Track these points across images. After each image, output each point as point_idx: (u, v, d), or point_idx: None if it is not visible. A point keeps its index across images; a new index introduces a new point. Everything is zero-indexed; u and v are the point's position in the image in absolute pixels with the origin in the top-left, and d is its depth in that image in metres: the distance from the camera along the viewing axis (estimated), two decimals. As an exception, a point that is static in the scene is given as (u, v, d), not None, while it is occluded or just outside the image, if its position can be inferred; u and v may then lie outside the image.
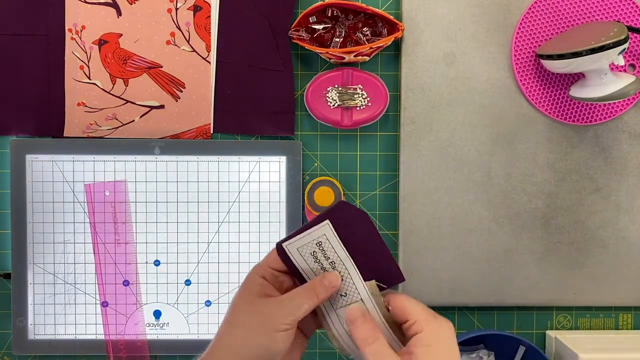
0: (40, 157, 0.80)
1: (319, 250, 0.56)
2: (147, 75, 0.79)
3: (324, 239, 0.56)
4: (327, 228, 0.56)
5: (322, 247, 0.56)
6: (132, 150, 0.80)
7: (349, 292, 0.56)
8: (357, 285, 0.56)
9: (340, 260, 0.56)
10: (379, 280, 0.56)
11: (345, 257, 0.56)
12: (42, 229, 0.81)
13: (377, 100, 0.78)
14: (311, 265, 0.57)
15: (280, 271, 0.58)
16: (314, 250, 0.56)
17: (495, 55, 0.79)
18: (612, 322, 0.83)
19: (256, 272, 0.57)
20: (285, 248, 0.57)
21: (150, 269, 0.81)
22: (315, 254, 0.56)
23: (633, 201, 0.80)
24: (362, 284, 0.56)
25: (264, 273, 0.57)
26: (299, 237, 0.56)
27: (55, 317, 0.81)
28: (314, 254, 0.56)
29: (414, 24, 0.79)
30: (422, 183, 0.79)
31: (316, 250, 0.56)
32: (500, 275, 0.80)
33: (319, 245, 0.56)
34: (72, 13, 0.78)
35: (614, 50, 0.69)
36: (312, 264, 0.57)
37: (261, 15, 0.79)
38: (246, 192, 0.81)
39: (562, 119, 0.79)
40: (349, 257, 0.56)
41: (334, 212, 0.56)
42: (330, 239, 0.56)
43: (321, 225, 0.56)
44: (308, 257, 0.57)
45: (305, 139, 0.82)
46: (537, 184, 0.80)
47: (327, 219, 0.56)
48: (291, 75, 0.80)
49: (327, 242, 0.56)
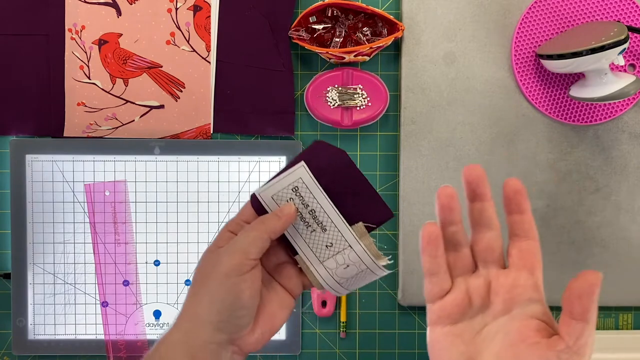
0: (40, 157, 0.80)
1: (296, 196, 0.51)
2: (147, 75, 0.79)
3: (300, 183, 0.51)
4: (303, 170, 0.51)
5: (299, 192, 0.51)
6: (132, 150, 0.80)
7: (335, 242, 0.52)
8: (343, 232, 0.52)
9: (320, 207, 0.52)
10: (365, 221, 0.52)
11: (325, 202, 0.52)
12: (42, 229, 0.81)
13: (377, 100, 0.78)
14: None
15: None
16: (290, 197, 0.51)
17: (495, 55, 0.79)
18: (612, 322, 0.83)
19: (226, 227, 0.53)
20: (259, 197, 0.52)
21: (150, 269, 0.81)
22: (292, 200, 0.52)
23: (633, 201, 0.80)
24: (347, 230, 0.52)
25: (235, 228, 0.53)
26: (272, 183, 0.51)
27: (55, 317, 0.81)
28: (291, 201, 0.52)
29: (414, 24, 0.79)
30: (422, 183, 0.79)
31: (293, 197, 0.51)
32: (500, 275, 0.80)
33: (295, 191, 0.51)
34: (72, 13, 0.78)
35: (614, 50, 0.69)
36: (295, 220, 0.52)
37: (261, 15, 0.79)
38: (246, 192, 0.81)
39: (562, 119, 0.79)
40: (329, 202, 0.52)
41: (309, 153, 0.51)
42: (307, 183, 0.51)
43: (296, 168, 0.51)
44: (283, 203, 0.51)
45: (305, 139, 0.82)
46: (537, 184, 0.80)
47: (301, 161, 0.51)
48: (291, 75, 0.80)
49: (304, 186, 0.51)
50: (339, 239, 0.52)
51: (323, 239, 0.53)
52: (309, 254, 0.53)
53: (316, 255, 0.53)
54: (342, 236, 0.52)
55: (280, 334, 0.82)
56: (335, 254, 0.53)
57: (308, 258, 0.53)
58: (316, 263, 0.53)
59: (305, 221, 0.52)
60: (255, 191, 0.52)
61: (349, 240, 0.52)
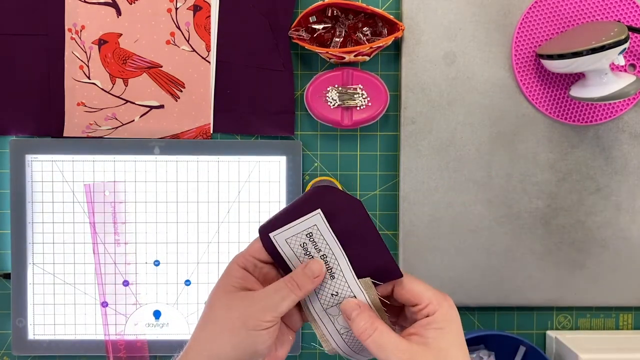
0: (40, 157, 0.80)
1: (310, 241, 0.52)
2: (147, 75, 0.79)
3: (315, 230, 0.52)
4: (319, 218, 0.52)
5: (313, 238, 0.52)
6: (132, 150, 0.80)
7: (341, 291, 0.53)
8: (350, 283, 0.53)
9: (332, 254, 0.52)
10: (373, 277, 0.53)
11: (337, 250, 0.52)
12: (42, 229, 0.81)
13: (377, 100, 0.78)
14: (301, 257, 0.52)
15: (264, 262, 0.54)
16: (303, 242, 0.52)
17: (495, 55, 0.79)
18: (612, 322, 0.83)
19: (236, 262, 0.53)
20: (272, 239, 0.52)
21: (150, 269, 0.81)
22: (305, 245, 0.52)
23: (633, 201, 0.80)
24: (354, 281, 0.53)
25: (245, 263, 0.53)
26: (288, 227, 0.52)
27: (55, 317, 0.81)
28: (303, 246, 0.52)
29: (414, 23, 0.79)
30: (422, 183, 0.79)
31: (306, 242, 0.52)
32: (500, 276, 0.80)
33: (309, 237, 0.52)
34: (72, 13, 0.78)
35: (614, 50, 0.69)
36: (301, 256, 0.52)
37: (261, 15, 0.79)
38: (246, 192, 0.81)
39: (563, 119, 0.79)
40: (341, 250, 0.52)
41: (324, 198, 0.52)
42: (321, 230, 0.52)
43: (312, 215, 0.51)
44: (297, 249, 0.52)
45: (305, 139, 0.82)
46: (538, 184, 0.80)
47: (318, 208, 0.51)
48: (291, 75, 0.80)
49: (318, 232, 0.52)
50: (346, 289, 0.53)
51: (330, 286, 0.53)
52: (314, 299, 0.54)
53: (320, 302, 0.54)
54: (348, 286, 0.53)
55: (280, 334, 0.82)
56: (338, 302, 0.54)
57: (313, 305, 0.54)
58: (319, 309, 0.54)
59: None
60: (270, 233, 0.52)
61: (354, 291, 0.53)
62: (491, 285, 0.80)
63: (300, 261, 0.53)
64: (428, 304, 0.52)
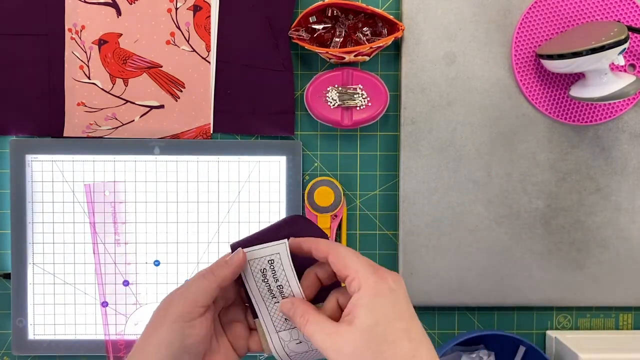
0: (40, 157, 0.80)
1: (270, 268, 0.53)
2: (147, 75, 0.79)
3: (277, 258, 0.53)
4: (284, 248, 0.53)
5: (274, 266, 0.53)
6: (132, 150, 0.80)
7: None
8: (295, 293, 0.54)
9: (288, 284, 0.53)
10: None
11: (294, 282, 0.53)
12: (42, 229, 0.81)
13: (377, 100, 0.78)
14: (259, 284, 0.54)
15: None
16: (264, 267, 0.53)
17: (495, 55, 0.79)
18: (612, 322, 0.83)
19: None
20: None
21: (150, 269, 0.81)
22: (265, 272, 0.53)
23: (633, 201, 0.80)
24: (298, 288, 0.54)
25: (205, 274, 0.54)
26: (255, 248, 0.53)
27: (55, 317, 0.81)
28: (263, 272, 0.53)
29: (414, 24, 0.79)
30: (422, 183, 0.79)
31: (267, 268, 0.53)
32: (500, 276, 0.80)
33: (270, 263, 0.53)
34: (72, 13, 0.78)
35: (614, 50, 0.69)
36: (260, 283, 0.54)
37: (261, 15, 0.79)
38: (246, 192, 0.81)
39: (563, 119, 0.79)
40: (297, 283, 0.53)
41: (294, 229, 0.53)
42: (282, 260, 0.53)
43: (278, 243, 0.53)
44: (257, 274, 0.54)
45: (305, 139, 0.82)
46: (538, 184, 0.80)
47: (286, 240, 0.53)
48: (291, 75, 0.80)
49: (280, 262, 0.53)
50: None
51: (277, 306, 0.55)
52: (267, 321, 0.55)
53: (274, 324, 0.55)
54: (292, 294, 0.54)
55: (280, 334, 0.82)
56: (291, 327, 0.54)
57: (266, 324, 0.55)
58: (272, 331, 0.55)
59: (271, 292, 0.54)
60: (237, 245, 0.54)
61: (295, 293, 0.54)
62: (491, 285, 0.80)
63: (257, 287, 0.54)
64: (354, 278, 0.49)
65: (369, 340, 0.47)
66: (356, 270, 0.49)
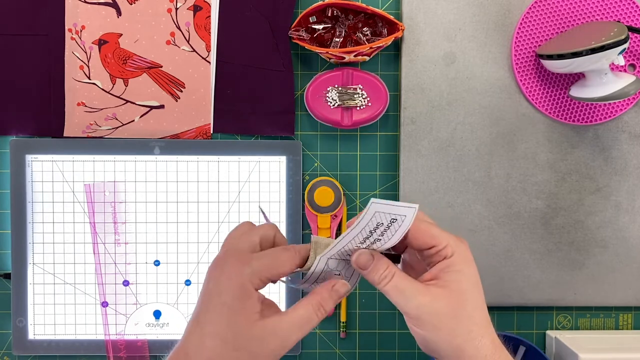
0: (40, 157, 0.80)
1: (386, 224, 0.51)
2: (147, 75, 0.79)
3: (400, 219, 0.50)
4: (412, 212, 0.50)
5: (392, 224, 0.51)
6: (132, 150, 0.80)
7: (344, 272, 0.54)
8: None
9: (382, 244, 0.53)
10: None
11: (390, 245, 0.53)
12: (42, 229, 0.81)
13: (377, 100, 0.78)
14: (363, 230, 0.51)
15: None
16: (381, 222, 0.51)
17: (495, 55, 0.79)
18: (612, 322, 0.83)
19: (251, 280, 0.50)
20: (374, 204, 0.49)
21: (150, 269, 0.81)
22: (379, 226, 0.51)
23: (633, 201, 0.80)
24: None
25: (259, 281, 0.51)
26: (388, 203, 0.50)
27: (55, 317, 0.81)
28: (377, 225, 0.51)
29: (414, 24, 0.79)
30: (422, 183, 0.79)
31: (383, 223, 0.51)
32: (500, 275, 0.80)
33: (391, 222, 0.50)
34: (72, 13, 0.78)
35: (614, 50, 0.69)
36: (365, 230, 0.51)
37: (261, 15, 0.79)
38: (246, 192, 0.81)
39: (562, 119, 0.79)
40: (391, 246, 0.53)
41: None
42: (404, 223, 0.51)
43: (411, 206, 0.50)
44: (371, 224, 0.51)
45: (305, 139, 0.82)
46: (537, 184, 0.80)
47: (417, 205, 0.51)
48: (291, 75, 0.80)
49: (400, 224, 0.51)
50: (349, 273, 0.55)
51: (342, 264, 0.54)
52: (332, 247, 0.53)
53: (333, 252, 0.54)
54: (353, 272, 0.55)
55: (280, 334, 0.82)
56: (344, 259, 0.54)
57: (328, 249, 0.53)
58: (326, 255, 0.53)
59: (363, 241, 0.53)
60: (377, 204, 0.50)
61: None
62: (491, 285, 0.80)
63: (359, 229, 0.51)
64: (446, 246, 0.52)
65: (464, 302, 0.51)
66: (446, 239, 0.52)
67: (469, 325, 0.52)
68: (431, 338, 0.52)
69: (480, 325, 0.52)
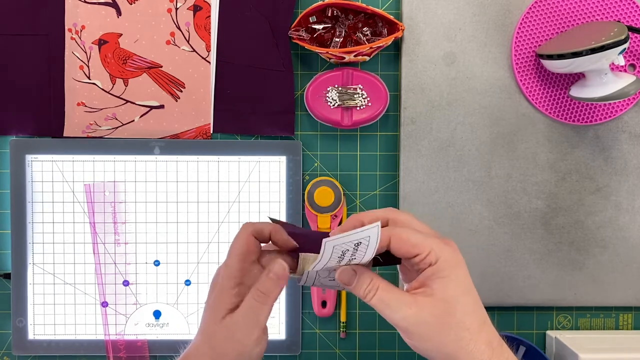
0: (40, 157, 0.80)
1: (352, 249, 0.51)
2: (147, 75, 0.79)
3: (365, 241, 0.50)
4: (375, 231, 0.50)
5: (358, 247, 0.51)
6: (132, 150, 0.80)
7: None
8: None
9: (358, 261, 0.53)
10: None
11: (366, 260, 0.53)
12: (42, 229, 0.81)
13: (377, 100, 0.78)
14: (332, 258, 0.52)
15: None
16: (346, 249, 0.51)
17: (495, 55, 0.79)
18: (612, 322, 0.83)
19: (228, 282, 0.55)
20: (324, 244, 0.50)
21: (150, 269, 0.81)
22: (345, 252, 0.51)
23: (633, 201, 0.80)
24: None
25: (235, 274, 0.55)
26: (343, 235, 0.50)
27: (55, 317, 0.81)
28: (343, 252, 0.51)
29: (414, 24, 0.79)
30: (422, 183, 0.79)
31: (349, 249, 0.51)
32: (500, 276, 0.80)
33: (356, 246, 0.51)
34: (72, 13, 0.78)
35: (614, 50, 0.69)
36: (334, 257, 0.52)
37: (261, 15, 0.79)
38: (246, 192, 0.81)
39: (562, 119, 0.79)
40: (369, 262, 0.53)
41: None
42: (370, 242, 0.50)
43: (372, 227, 0.49)
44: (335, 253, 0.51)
45: (305, 139, 0.82)
46: (537, 184, 0.80)
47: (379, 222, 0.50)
48: (291, 75, 0.80)
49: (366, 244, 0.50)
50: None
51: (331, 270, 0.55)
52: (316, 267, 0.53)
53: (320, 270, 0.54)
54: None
55: (280, 334, 0.82)
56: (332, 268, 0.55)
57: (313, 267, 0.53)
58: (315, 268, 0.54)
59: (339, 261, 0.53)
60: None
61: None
62: (491, 285, 0.80)
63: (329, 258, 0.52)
64: (429, 252, 0.50)
65: (452, 309, 0.50)
66: (429, 245, 0.51)
67: (459, 332, 0.50)
68: (421, 348, 0.51)
69: (472, 330, 0.51)
